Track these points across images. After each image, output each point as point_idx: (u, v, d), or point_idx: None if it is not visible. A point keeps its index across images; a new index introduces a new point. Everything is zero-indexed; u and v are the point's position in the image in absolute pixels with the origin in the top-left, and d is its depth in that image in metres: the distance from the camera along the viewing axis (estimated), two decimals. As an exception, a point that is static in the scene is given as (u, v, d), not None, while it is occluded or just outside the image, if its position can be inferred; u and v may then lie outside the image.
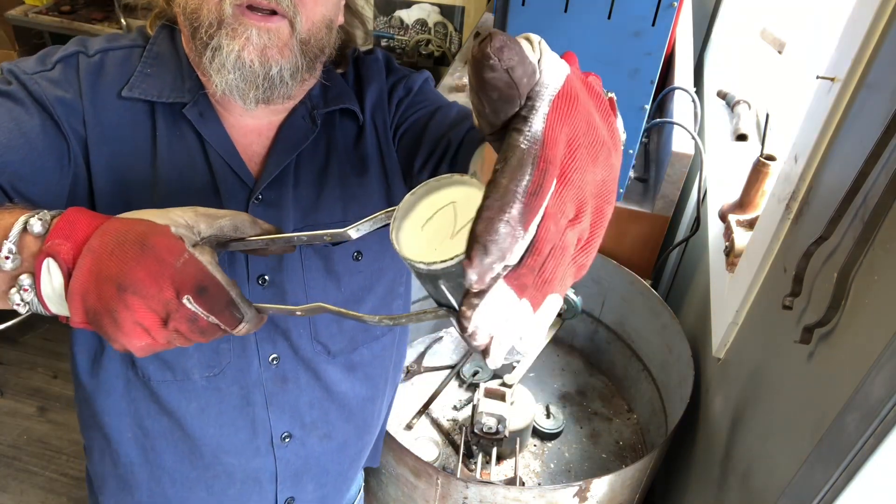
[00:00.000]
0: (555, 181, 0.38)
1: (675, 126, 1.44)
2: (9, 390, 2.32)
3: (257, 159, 0.82)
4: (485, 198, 0.37)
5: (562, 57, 0.43)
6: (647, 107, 1.32)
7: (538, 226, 0.38)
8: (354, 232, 0.55)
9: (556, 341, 1.62)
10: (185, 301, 0.51)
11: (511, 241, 0.37)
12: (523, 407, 1.36)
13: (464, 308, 0.39)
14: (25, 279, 0.53)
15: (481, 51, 0.37)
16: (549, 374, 1.63)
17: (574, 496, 1.09)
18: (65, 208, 0.55)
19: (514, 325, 0.40)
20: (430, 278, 0.44)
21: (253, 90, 0.73)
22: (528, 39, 0.40)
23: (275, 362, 0.86)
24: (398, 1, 2.74)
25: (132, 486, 0.92)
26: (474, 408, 1.32)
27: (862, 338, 0.69)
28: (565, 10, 1.23)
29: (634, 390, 1.55)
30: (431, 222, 0.47)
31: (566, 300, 1.54)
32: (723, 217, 1.32)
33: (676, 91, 1.57)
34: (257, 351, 0.84)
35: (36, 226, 0.53)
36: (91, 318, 0.52)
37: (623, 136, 0.49)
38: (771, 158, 1.21)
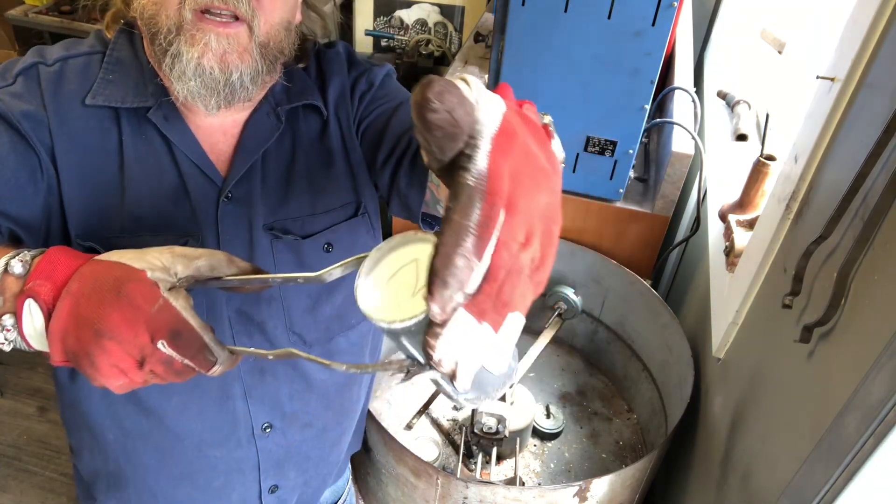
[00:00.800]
0: (503, 212, 0.41)
1: (675, 126, 1.44)
2: (9, 390, 2.32)
3: (224, 157, 0.82)
4: (441, 234, 0.41)
5: (496, 91, 0.47)
6: (647, 107, 1.32)
7: (492, 254, 0.41)
8: (328, 276, 0.57)
9: (556, 341, 1.62)
10: (159, 345, 0.53)
11: (468, 272, 0.41)
12: (523, 407, 1.36)
13: (428, 338, 0.42)
14: (8, 319, 0.54)
15: (423, 95, 0.40)
16: (549, 374, 1.63)
17: (574, 496, 1.09)
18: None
19: (477, 348, 0.43)
20: (391, 334, 0.46)
21: (214, 96, 0.74)
22: (464, 81, 0.43)
23: (244, 315, 0.85)
24: (398, 1, 2.74)
25: (121, 483, 0.93)
26: (474, 408, 1.32)
27: (862, 337, 0.69)
28: (565, 10, 1.23)
29: (634, 390, 1.55)
30: (395, 279, 0.49)
31: (566, 300, 1.54)
32: (723, 217, 1.31)
33: (676, 91, 1.57)
34: (234, 344, 0.83)
35: (16, 267, 0.55)
36: (70, 358, 0.54)
37: (561, 156, 0.53)
38: (771, 158, 1.21)
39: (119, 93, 0.77)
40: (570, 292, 1.53)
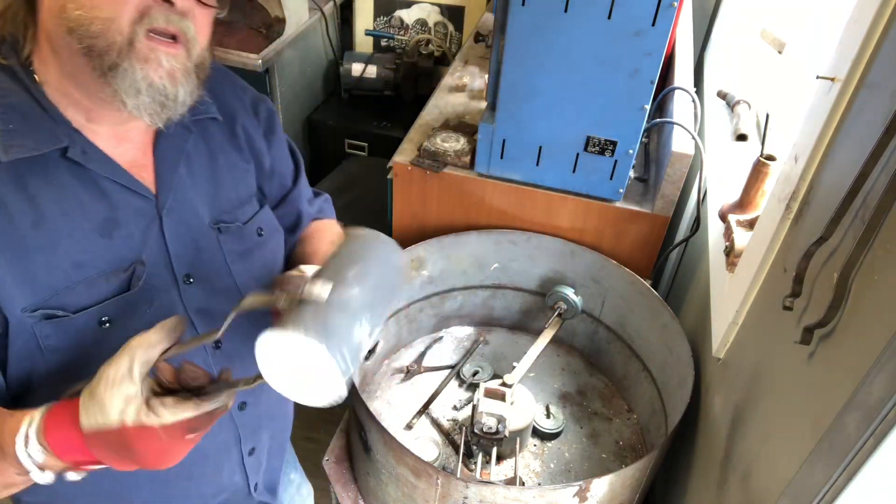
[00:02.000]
0: None
1: (675, 126, 1.44)
2: (9, 390, 2.32)
3: (147, 174, 0.84)
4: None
5: None
6: (647, 107, 1.32)
7: None
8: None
9: (556, 341, 1.62)
10: (188, 438, 0.67)
11: None
12: (523, 407, 1.36)
13: None
14: (50, 475, 0.68)
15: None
16: (549, 374, 1.63)
17: (574, 496, 1.09)
18: None
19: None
20: None
21: (163, 110, 0.76)
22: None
23: (219, 346, 0.91)
24: (398, 1, 2.74)
25: (115, 497, 0.92)
26: (474, 408, 1.32)
27: (862, 338, 0.69)
28: (565, 10, 1.23)
29: (634, 390, 1.55)
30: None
31: (566, 300, 1.54)
32: (723, 217, 1.31)
33: (676, 91, 1.57)
34: (203, 347, 0.89)
35: (38, 457, 0.66)
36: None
37: None
38: (771, 158, 1.21)
39: (30, 141, 0.73)
40: (570, 292, 1.53)
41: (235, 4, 2.47)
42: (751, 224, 1.23)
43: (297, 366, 0.63)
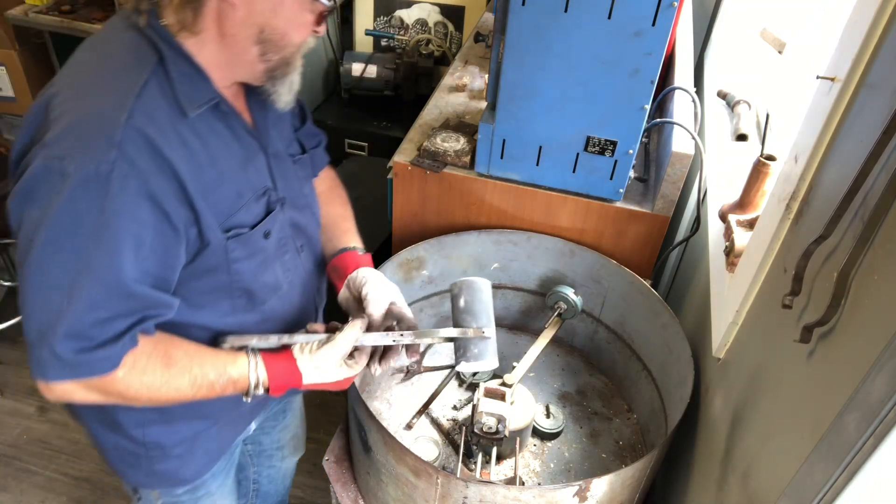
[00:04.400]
0: None
1: (675, 126, 1.44)
2: (9, 390, 2.33)
3: (247, 118, 1.03)
4: None
5: None
6: (647, 107, 1.32)
7: None
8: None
9: (556, 341, 1.62)
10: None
11: None
12: (523, 407, 1.36)
13: None
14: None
15: None
16: (549, 373, 1.63)
17: (574, 496, 1.09)
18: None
19: None
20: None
21: (293, 97, 1.02)
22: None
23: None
24: (398, 1, 2.74)
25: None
26: (474, 408, 1.32)
27: (862, 337, 0.69)
28: (565, 10, 1.23)
29: (634, 390, 1.55)
30: None
31: (566, 300, 1.54)
32: (723, 217, 1.32)
33: (676, 91, 1.57)
34: (291, 245, 1.12)
35: (258, 390, 1.02)
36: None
37: None
38: (771, 158, 1.21)
39: (201, 99, 0.91)
40: (570, 292, 1.53)
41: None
42: (751, 224, 1.23)
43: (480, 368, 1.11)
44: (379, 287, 1.13)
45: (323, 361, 1.03)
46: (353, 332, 1.04)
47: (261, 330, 1.09)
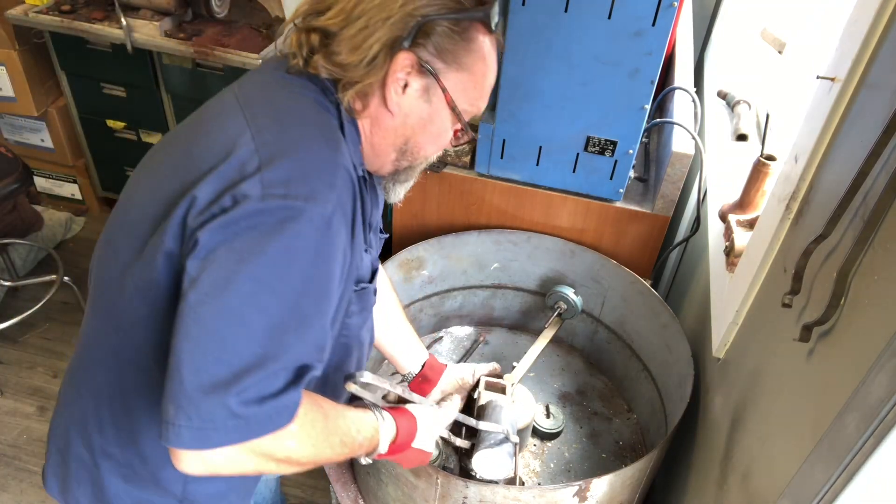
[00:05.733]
0: None
1: (675, 126, 1.44)
2: (9, 390, 2.32)
3: None
4: None
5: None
6: (647, 107, 1.32)
7: None
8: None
9: (556, 341, 1.62)
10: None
11: None
12: (523, 407, 1.36)
13: None
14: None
15: None
16: (549, 374, 1.63)
17: (574, 496, 1.09)
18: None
19: None
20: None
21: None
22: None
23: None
24: (398, 1, 2.73)
25: None
26: (474, 402, 1.32)
27: (862, 337, 0.69)
28: (565, 10, 1.23)
29: (634, 390, 1.55)
30: None
31: (566, 300, 1.54)
32: (723, 217, 1.32)
33: (676, 91, 1.57)
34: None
35: (383, 447, 0.96)
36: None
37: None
38: (771, 158, 1.21)
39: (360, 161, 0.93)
40: (570, 292, 1.53)
41: (236, 4, 2.48)
42: (751, 224, 1.23)
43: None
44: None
45: (438, 427, 1.05)
46: (457, 406, 1.13)
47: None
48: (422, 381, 1.31)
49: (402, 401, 1.09)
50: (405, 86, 0.88)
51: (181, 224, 0.77)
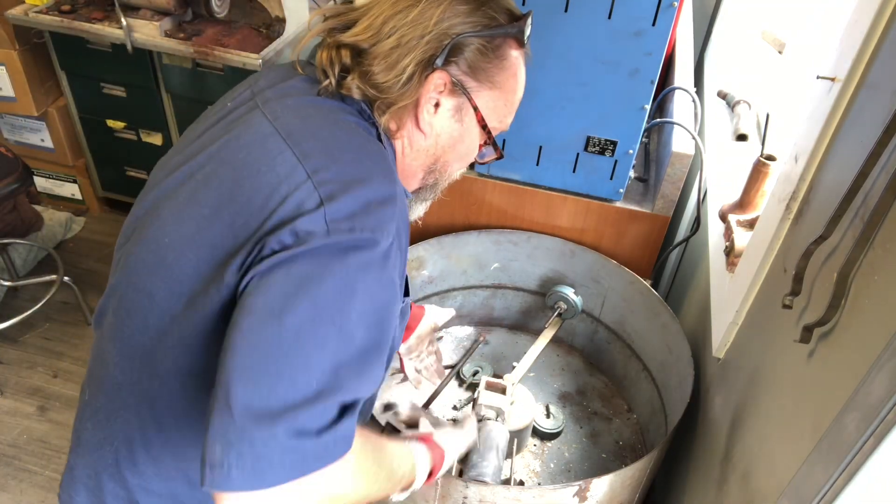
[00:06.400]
0: None
1: (675, 126, 1.44)
2: (9, 390, 2.32)
3: None
4: None
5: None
6: (647, 107, 1.32)
7: None
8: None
9: (556, 341, 1.62)
10: None
11: None
12: (523, 407, 1.36)
13: None
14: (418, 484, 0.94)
15: None
16: (549, 374, 1.63)
17: (574, 496, 1.09)
18: None
19: None
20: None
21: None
22: None
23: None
24: None
25: None
26: (474, 402, 1.32)
27: (862, 337, 0.69)
28: (565, 10, 1.23)
29: (634, 390, 1.55)
30: None
31: (566, 300, 1.54)
32: (723, 217, 1.32)
33: (676, 91, 1.57)
34: None
35: (419, 484, 0.93)
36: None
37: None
38: (771, 158, 1.21)
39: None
40: (570, 292, 1.53)
41: (236, 4, 2.48)
42: (751, 224, 1.23)
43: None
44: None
45: (458, 452, 1.05)
46: (474, 428, 1.12)
47: None
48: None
49: (412, 422, 1.08)
50: (436, 105, 0.86)
51: (238, 273, 0.72)
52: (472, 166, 1.55)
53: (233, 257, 0.72)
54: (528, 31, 0.90)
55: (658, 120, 1.54)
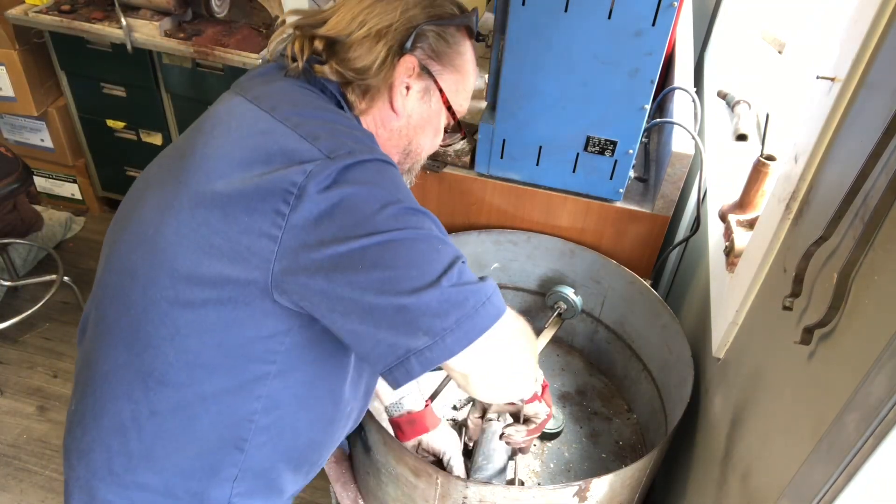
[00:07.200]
0: None
1: (675, 126, 1.44)
2: (9, 390, 2.33)
3: None
4: None
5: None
6: (647, 107, 1.32)
7: None
8: None
9: (556, 341, 1.62)
10: None
11: None
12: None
13: None
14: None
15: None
16: (549, 374, 1.63)
17: (574, 496, 1.09)
18: None
19: None
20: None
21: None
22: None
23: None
24: (398, 1, 2.73)
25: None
26: (474, 401, 1.32)
27: (862, 338, 0.69)
28: (565, 10, 1.23)
29: (634, 390, 1.55)
30: None
31: (566, 300, 1.54)
32: (723, 217, 1.32)
33: (676, 91, 1.57)
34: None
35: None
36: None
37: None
38: (771, 158, 1.21)
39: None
40: (570, 292, 1.53)
41: (236, 4, 2.48)
42: (751, 224, 1.23)
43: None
44: None
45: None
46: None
47: None
48: (407, 423, 1.26)
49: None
50: (407, 87, 0.95)
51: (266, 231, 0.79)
52: (472, 165, 1.56)
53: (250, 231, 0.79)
54: (475, 26, 1.01)
55: (658, 120, 1.54)
